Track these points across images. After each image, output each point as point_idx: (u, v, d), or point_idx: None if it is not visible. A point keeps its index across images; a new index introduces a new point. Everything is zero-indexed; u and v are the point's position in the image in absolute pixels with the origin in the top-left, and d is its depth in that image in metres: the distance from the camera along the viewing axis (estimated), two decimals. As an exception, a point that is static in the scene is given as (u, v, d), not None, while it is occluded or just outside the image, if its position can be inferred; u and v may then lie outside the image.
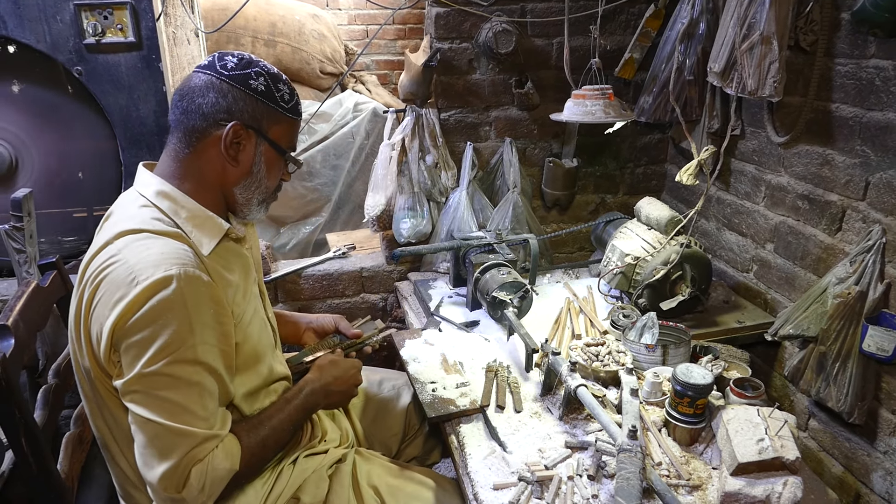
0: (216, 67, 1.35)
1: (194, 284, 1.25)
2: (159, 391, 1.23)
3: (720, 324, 2.12)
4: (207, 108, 1.33)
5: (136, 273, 1.21)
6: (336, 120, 3.65)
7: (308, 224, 3.71)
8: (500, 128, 2.57)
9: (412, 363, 1.89)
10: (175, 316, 1.22)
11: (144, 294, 1.20)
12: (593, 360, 1.79)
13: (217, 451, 1.28)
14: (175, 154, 1.37)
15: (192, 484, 1.25)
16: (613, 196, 2.80)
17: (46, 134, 2.48)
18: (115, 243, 1.27)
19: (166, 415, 1.23)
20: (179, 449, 1.24)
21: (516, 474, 1.48)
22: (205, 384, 1.27)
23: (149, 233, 1.29)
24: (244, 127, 1.35)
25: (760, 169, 2.20)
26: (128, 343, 1.21)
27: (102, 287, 1.23)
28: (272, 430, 1.44)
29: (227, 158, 1.36)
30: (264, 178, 1.43)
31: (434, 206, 2.56)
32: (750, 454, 1.43)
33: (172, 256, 1.25)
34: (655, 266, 2.03)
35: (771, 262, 2.19)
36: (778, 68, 1.81)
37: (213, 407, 1.29)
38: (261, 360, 1.51)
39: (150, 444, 1.25)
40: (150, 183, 1.38)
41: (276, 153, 1.42)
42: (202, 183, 1.38)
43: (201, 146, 1.35)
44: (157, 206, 1.35)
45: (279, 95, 1.39)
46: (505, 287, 1.97)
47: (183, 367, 1.24)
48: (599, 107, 1.96)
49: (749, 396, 1.65)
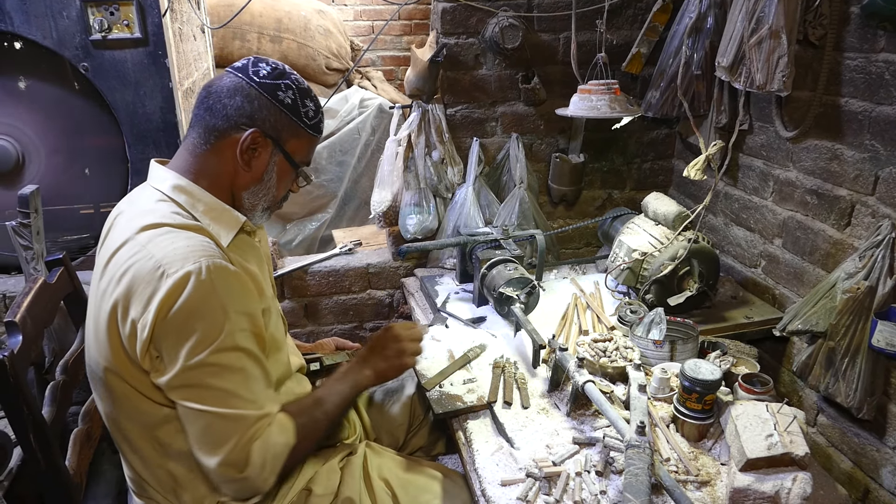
0: (248, 72, 1.37)
1: (223, 274, 1.27)
2: (206, 381, 1.26)
3: (728, 319, 2.11)
4: (231, 110, 1.35)
5: (164, 267, 1.23)
6: (342, 116, 3.65)
7: (314, 220, 3.71)
8: (506, 123, 2.56)
9: (419, 359, 1.89)
10: (210, 306, 1.24)
11: (177, 288, 1.21)
12: (601, 355, 1.79)
13: (272, 428, 1.33)
14: (192, 149, 1.39)
15: (253, 461, 1.29)
16: (620, 191, 2.79)
17: (53, 130, 2.49)
18: (137, 238, 1.28)
19: (217, 402, 1.27)
20: (235, 433, 1.28)
21: (524, 470, 1.48)
22: (248, 369, 1.31)
23: (170, 226, 1.30)
24: (263, 135, 1.37)
25: (769, 164, 2.19)
26: (168, 338, 1.23)
27: (130, 283, 1.24)
28: (323, 410, 1.49)
29: (240, 163, 1.38)
30: (273, 188, 1.45)
31: (440, 202, 2.55)
32: (759, 450, 1.42)
33: (198, 249, 1.27)
34: (663, 262, 2.02)
35: (779, 257, 2.18)
36: (787, 62, 1.80)
37: (258, 389, 1.32)
38: (280, 349, 1.55)
39: (205, 433, 1.28)
40: (165, 178, 1.39)
41: (289, 165, 1.44)
42: (215, 181, 1.40)
43: (219, 145, 1.37)
44: (175, 199, 1.36)
45: (304, 111, 1.41)
46: (512, 283, 1.96)
47: (225, 354, 1.27)
48: (605, 102, 1.95)
49: (758, 392, 1.65)
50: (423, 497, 1.58)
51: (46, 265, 1.77)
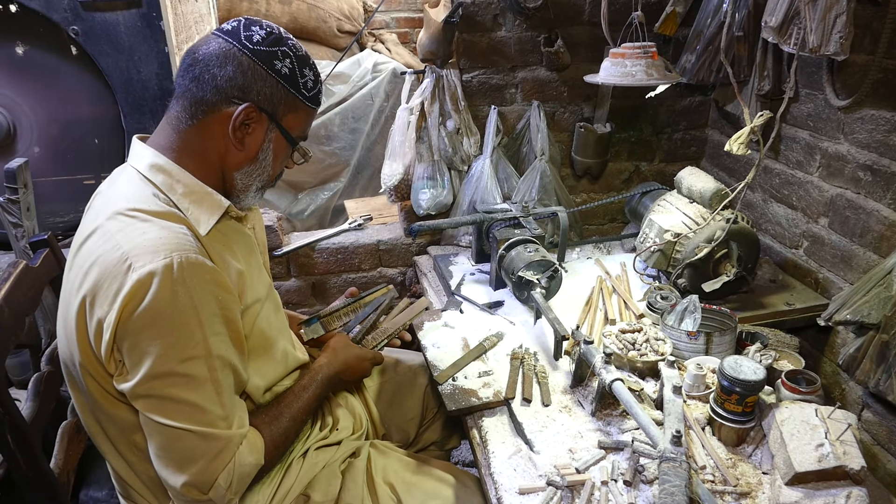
0: (240, 37, 1.21)
1: (197, 271, 1.13)
2: (173, 392, 1.13)
3: (767, 306, 1.95)
4: (222, 81, 1.20)
5: (131, 260, 1.09)
6: (354, 81, 3.49)
7: (326, 190, 3.59)
8: (527, 90, 2.37)
9: (431, 349, 1.75)
10: (180, 308, 1.10)
11: (143, 285, 1.08)
12: (629, 348, 1.64)
13: (242, 448, 1.22)
14: (175, 124, 1.24)
15: (219, 484, 1.18)
16: (649, 164, 2.60)
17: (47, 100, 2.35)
18: (107, 226, 1.15)
19: (184, 418, 1.14)
20: (203, 453, 1.16)
21: (544, 477, 1.35)
22: (220, 379, 1.18)
23: (142, 213, 1.16)
24: (258, 110, 1.23)
25: (816, 135, 1.99)
26: (131, 341, 1.10)
27: (97, 277, 1.11)
28: (292, 420, 1.39)
29: (232, 141, 1.23)
30: (268, 167, 1.31)
31: (455, 175, 2.39)
32: (808, 462, 1.28)
33: (171, 241, 1.13)
34: (698, 244, 1.85)
35: (825, 238, 2.00)
36: (845, 22, 1.59)
37: (230, 402, 1.20)
38: (273, 345, 1.43)
39: (169, 449, 1.16)
40: (143, 155, 1.25)
41: (286, 142, 1.30)
42: (201, 160, 1.25)
43: (207, 121, 1.22)
44: (151, 180, 1.22)
45: (303, 82, 1.27)
46: (532, 266, 1.81)
47: (195, 363, 1.14)
48: (641, 67, 1.76)
49: (803, 392, 1.49)
50: (432, 503, 1.46)
51: (31, 246, 1.64)
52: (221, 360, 1.18)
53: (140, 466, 1.29)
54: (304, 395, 1.44)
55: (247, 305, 1.29)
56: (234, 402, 1.22)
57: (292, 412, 1.39)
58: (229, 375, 1.21)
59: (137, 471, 1.30)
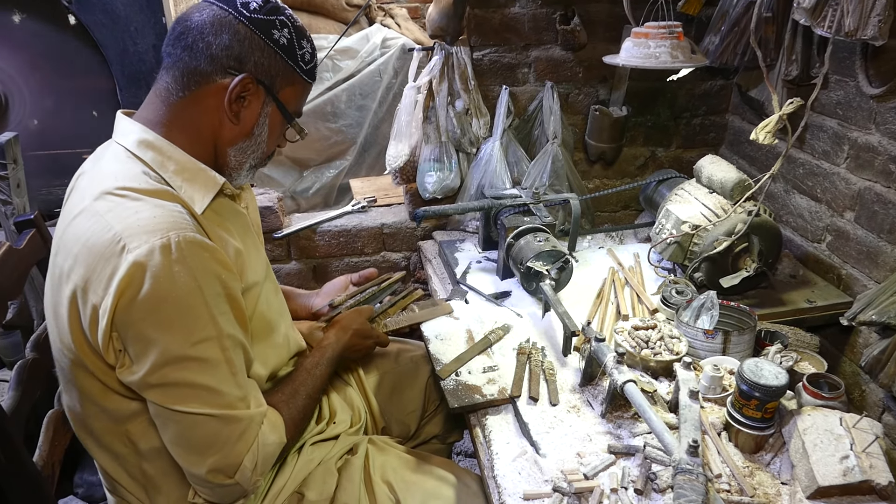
0: (236, 4, 1.14)
1: (196, 250, 1.06)
2: (188, 378, 1.07)
3: (787, 303, 1.86)
4: (217, 50, 1.12)
5: (125, 241, 1.01)
6: (363, 56, 3.39)
7: (332, 168, 3.50)
8: (540, 70, 2.27)
9: (434, 340, 1.68)
10: (184, 289, 1.03)
11: (141, 267, 1.00)
12: (642, 346, 1.56)
13: (263, 427, 1.18)
14: (165, 96, 1.16)
15: (245, 466, 1.14)
16: (665, 149, 2.50)
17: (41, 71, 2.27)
18: (95, 207, 1.07)
19: (201, 403, 1.08)
20: (226, 436, 1.12)
21: (550, 483, 1.27)
22: (234, 359, 1.12)
23: (133, 192, 1.08)
24: (255, 81, 1.15)
25: (844, 124, 1.88)
26: (135, 330, 1.03)
27: (87, 260, 1.04)
28: (308, 397, 1.37)
29: (227, 114, 1.16)
30: (263, 143, 1.24)
31: (463, 157, 2.29)
32: (832, 476, 1.20)
33: (166, 220, 1.05)
34: (717, 236, 1.76)
35: (850, 232, 1.90)
36: (885, 5, 1.48)
37: (245, 381, 1.17)
38: (274, 330, 1.37)
39: (189, 436, 1.11)
40: (129, 131, 1.17)
41: (282, 117, 1.23)
42: (194, 135, 1.17)
43: (200, 93, 1.14)
44: (140, 157, 1.14)
45: (300, 54, 1.20)
46: (542, 256, 1.72)
47: (208, 345, 1.08)
48: (666, 49, 1.65)
49: (826, 398, 1.41)
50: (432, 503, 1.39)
51: (16, 227, 1.56)
52: (232, 340, 1.12)
53: (128, 460, 1.22)
54: (315, 371, 1.41)
55: (247, 286, 1.23)
56: (248, 382, 1.18)
57: (308, 389, 1.37)
58: (241, 354, 1.16)
59: (124, 465, 1.23)
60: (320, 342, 1.52)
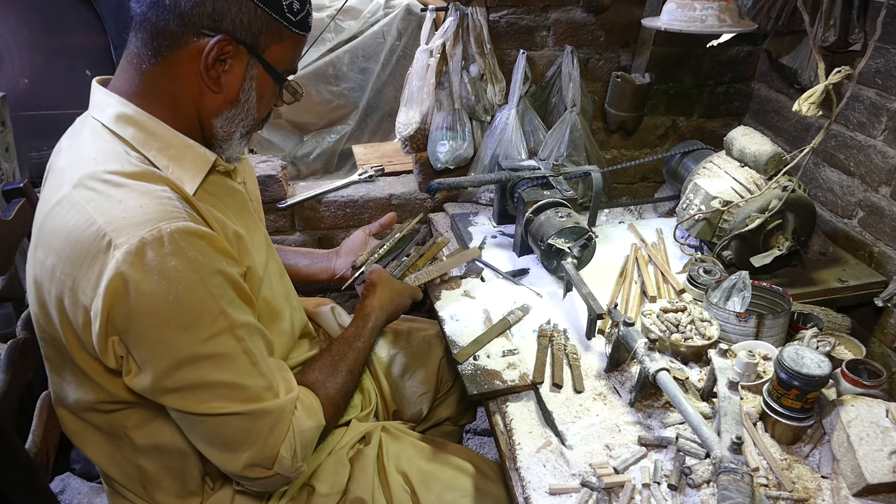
0: None
1: (192, 240, 0.95)
2: (205, 377, 0.98)
3: (818, 282, 1.77)
4: (188, 6, 0.97)
5: (110, 235, 0.90)
6: (365, 17, 3.24)
7: (333, 132, 3.39)
8: (560, 33, 2.14)
9: (449, 321, 1.59)
10: (184, 285, 0.93)
11: (132, 265, 0.90)
12: (672, 330, 1.47)
13: (298, 413, 1.11)
14: (137, 63, 1.03)
15: (283, 457, 1.08)
16: (687, 119, 2.39)
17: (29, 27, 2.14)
18: (73, 196, 0.95)
19: (225, 402, 1.00)
20: (257, 431, 1.05)
21: (578, 476, 1.20)
22: (252, 348, 1.03)
23: (114, 175, 0.96)
24: (234, 42, 1.01)
25: (884, 94, 1.78)
26: (136, 333, 0.93)
27: (70, 257, 0.93)
28: (349, 373, 1.30)
29: (206, 81, 1.02)
30: (253, 109, 1.10)
31: (477, 125, 2.18)
32: (881, 472, 1.13)
33: (154, 210, 0.94)
34: (749, 213, 1.66)
35: (885, 209, 1.81)
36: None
37: (268, 369, 1.07)
38: (280, 316, 1.28)
39: (218, 436, 1.03)
40: (106, 104, 1.04)
41: (271, 79, 1.09)
42: (173, 106, 1.04)
43: (172, 58, 1.01)
44: (120, 135, 1.01)
45: (287, 4, 1.04)
46: (563, 233, 1.63)
47: (221, 339, 0.99)
48: (713, 11, 1.51)
49: (867, 385, 1.33)
50: (449, 495, 1.33)
51: (4, 195, 1.46)
52: (247, 328, 1.03)
53: (124, 455, 1.14)
54: (357, 343, 1.35)
55: (249, 271, 1.12)
56: (272, 368, 1.09)
57: (349, 364, 1.30)
58: (259, 341, 1.06)
59: (120, 461, 1.15)
60: (360, 309, 1.43)
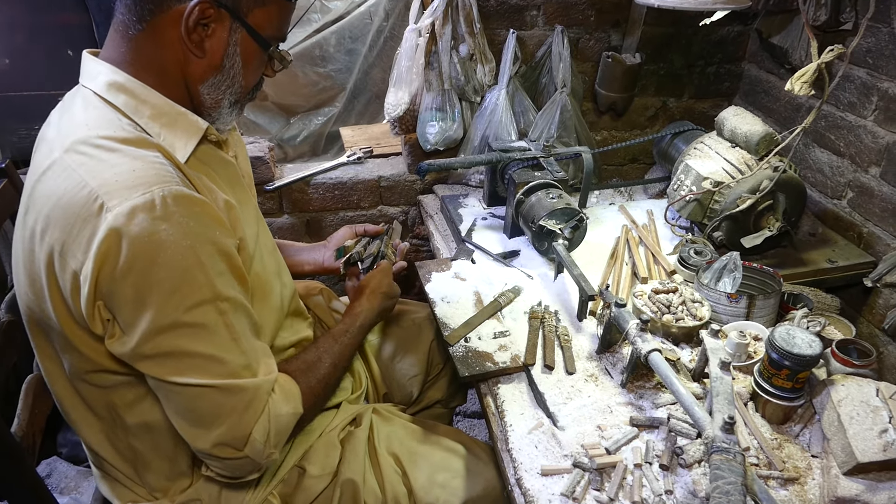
0: None
1: (184, 205, 0.94)
2: (183, 346, 0.97)
3: (808, 263, 1.78)
4: None
5: (103, 198, 0.89)
6: (352, -3, 3.20)
7: (320, 115, 3.34)
8: (550, 12, 2.11)
9: (440, 303, 1.58)
10: (174, 249, 0.92)
11: (123, 228, 0.89)
12: (663, 311, 1.47)
13: (275, 396, 1.09)
14: (123, 30, 1.01)
15: (255, 439, 1.05)
16: (677, 99, 2.38)
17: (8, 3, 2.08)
18: (65, 160, 0.94)
19: (201, 373, 0.98)
20: (231, 408, 1.02)
21: (570, 457, 1.20)
22: (234, 323, 1.01)
23: (107, 140, 0.95)
24: (214, 5, 0.99)
25: (874, 74, 1.77)
26: (121, 296, 0.92)
27: (62, 221, 0.92)
28: (332, 366, 1.28)
29: (188, 46, 1.01)
30: (239, 76, 1.08)
31: (467, 106, 2.16)
32: (872, 451, 1.14)
33: (147, 174, 0.93)
34: (740, 194, 1.66)
35: (874, 189, 1.81)
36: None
37: (249, 347, 1.05)
38: (271, 292, 1.26)
39: (191, 409, 1.01)
40: (97, 72, 1.03)
41: (256, 45, 1.07)
42: (160, 73, 1.03)
43: (156, 23, 0.99)
44: (111, 102, 1.00)
45: None
46: (555, 215, 1.62)
47: (203, 310, 0.97)
48: (712, -13, 1.50)
49: (857, 365, 1.34)
50: (440, 476, 1.33)
51: (-15, 177, 1.43)
52: (232, 302, 1.01)
53: (115, 434, 1.13)
54: (344, 339, 1.34)
55: (241, 241, 1.11)
56: (255, 347, 1.07)
57: (333, 358, 1.28)
58: (243, 318, 1.05)
59: (110, 440, 1.14)
60: (350, 308, 1.43)
